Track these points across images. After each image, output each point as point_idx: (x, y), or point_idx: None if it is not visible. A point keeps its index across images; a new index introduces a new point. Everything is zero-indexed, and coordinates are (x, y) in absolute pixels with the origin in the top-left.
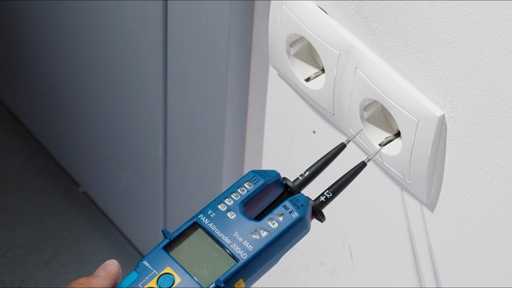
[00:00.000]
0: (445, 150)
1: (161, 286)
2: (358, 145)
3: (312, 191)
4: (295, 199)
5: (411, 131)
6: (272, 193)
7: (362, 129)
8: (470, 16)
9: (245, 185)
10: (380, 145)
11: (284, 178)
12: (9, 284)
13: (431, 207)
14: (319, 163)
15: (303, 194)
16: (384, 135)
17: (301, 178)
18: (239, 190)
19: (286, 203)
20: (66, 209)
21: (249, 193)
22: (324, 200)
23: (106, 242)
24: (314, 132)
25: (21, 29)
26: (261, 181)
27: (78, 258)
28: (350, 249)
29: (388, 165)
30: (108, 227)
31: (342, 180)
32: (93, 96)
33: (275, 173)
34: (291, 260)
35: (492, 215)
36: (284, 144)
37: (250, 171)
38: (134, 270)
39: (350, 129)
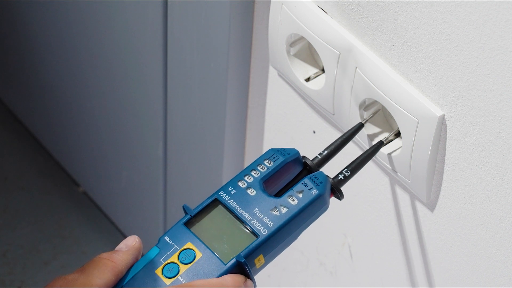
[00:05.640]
0: (445, 150)
1: (182, 261)
2: (358, 146)
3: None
4: (314, 176)
5: (411, 131)
6: (292, 171)
7: (380, 109)
8: (470, 16)
9: (265, 162)
10: None
11: (303, 157)
12: (9, 284)
13: (431, 207)
14: (337, 142)
15: (322, 172)
16: (384, 135)
17: (319, 156)
18: (259, 168)
19: (306, 180)
20: (66, 209)
21: (269, 170)
22: (342, 178)
23: (106, 242)
24: (314, 132)
25: (21, 29)
26: (281, 159)
27: (78, 258)
28: (350, 249)
29: (388, 165)
30: (108, 227)
31: (360, 159)
32: (93, 96)
33: (294, 151)
34: (291, 260)
35: (492, 215)
36: (284, 144)
37: (269, 149)
38: (156, 246)
39: None
